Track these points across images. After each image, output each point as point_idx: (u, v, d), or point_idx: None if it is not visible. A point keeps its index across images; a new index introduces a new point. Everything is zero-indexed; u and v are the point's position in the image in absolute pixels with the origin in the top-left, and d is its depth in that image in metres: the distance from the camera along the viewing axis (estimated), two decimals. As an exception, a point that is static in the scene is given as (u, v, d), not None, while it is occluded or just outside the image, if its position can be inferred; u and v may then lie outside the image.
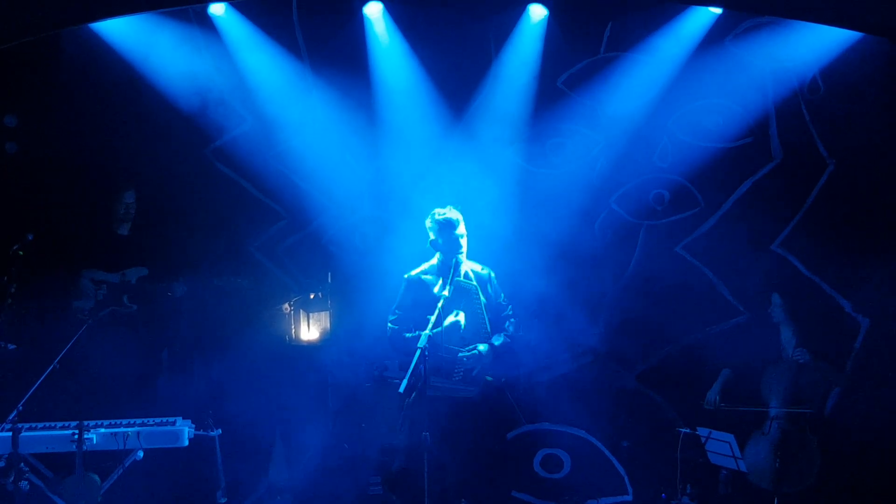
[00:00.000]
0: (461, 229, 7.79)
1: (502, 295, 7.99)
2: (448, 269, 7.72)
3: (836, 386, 9.03)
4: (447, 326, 7.50)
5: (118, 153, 9.52)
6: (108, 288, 9.06)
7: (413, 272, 7.93)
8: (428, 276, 7.84)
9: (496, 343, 7.77)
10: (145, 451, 7.71)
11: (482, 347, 7.66)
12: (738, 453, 7.90)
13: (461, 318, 7.56)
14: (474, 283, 7.80)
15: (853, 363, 9.41)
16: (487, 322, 7.76)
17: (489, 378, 7.71)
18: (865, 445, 8.81)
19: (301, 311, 9.65)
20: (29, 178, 9.40)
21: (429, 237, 7.87)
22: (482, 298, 7.79)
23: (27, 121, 9.44)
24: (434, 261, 7.90)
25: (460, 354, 7.56)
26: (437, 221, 7.80)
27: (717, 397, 8.60)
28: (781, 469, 8.15)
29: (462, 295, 7.70)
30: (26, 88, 9.38)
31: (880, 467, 8.76)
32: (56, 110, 9.47)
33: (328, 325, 9.65)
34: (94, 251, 9.12)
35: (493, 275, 7.99)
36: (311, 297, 9.63)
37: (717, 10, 9.19)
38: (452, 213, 7.80)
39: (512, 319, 7.96)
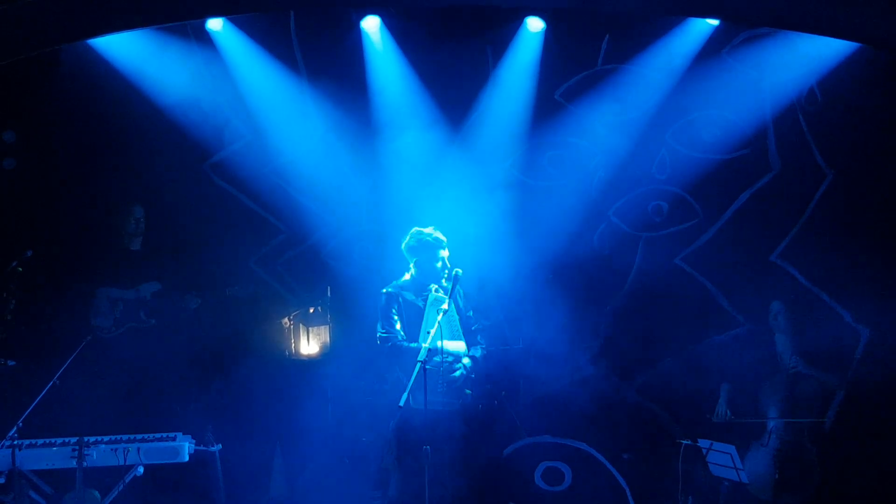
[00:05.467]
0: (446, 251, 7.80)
1: (471, 311, 7.95)
2: (422, 286, 7.73)
3: (837, 389, 9.01)
4: (454, 352, 7.48)
5: (116, 169, 9.54)
6: (125, 304, 9.07)
7: (390, 287, 7.89)
8: (406, 292, 7.83)
9: (477, 355, 7.76)
10: (146, 466, 7.70)
11: (466, 361, 7.64)
12: (739, 464, 7.89)
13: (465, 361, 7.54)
14: (445, 295, 7.78)
15: (853, 374, 9.40)
16: (462, 334, 7.74)
17: (468, 391, 7.70)
18: (865, 456, 8.80)
19: (301, 325, 9.65)
20: (28, 193, 9.40)
21: (411, 254, 7.84)
22: (455, 312, 7.77)
23: (26, 137, 9.43)
24: (407, 276, 7.88)
25: (443, 368, 7.52)
26: (423, 241, 7.77)
27: (728, 410, 8.56)
28: (781, 480, 8.14)
29: (437, 307, 7.68)
30: (25, 104, 9.39)
31: (880, 478, 8.75)
32: (54, 126, 9.48)
33: (328, 339, 9.65)
34: (107, 268, 9.12)
35: (461, 290, 7.96)
36: (311, 311, 9.63)
37: (715, 22, 9.22)
38: (439, 234, 7.80)
39: (480, 335, 7.93)
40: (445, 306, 7.42)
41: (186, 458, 7.77)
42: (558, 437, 8.76)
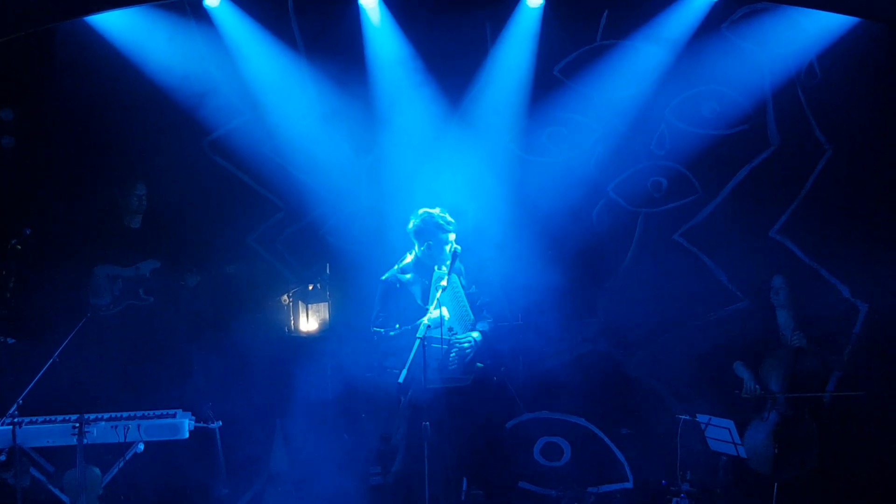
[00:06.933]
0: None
1: (473, 286, 7.93)
2: (428, 269, 7.69)
3: (835, 369, 9.03)
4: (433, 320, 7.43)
5: (115, 146, 9.54)
6: (123, 282, 9.08)
7: (389, 274, 7.87)
8: (406, 276, 7.78)
9: (486, 329, 7.76)
10: (146, 443, 7.71)
11: (475, 335, 7.64)
12: (737, 439, 7.90)
13: (444, 311, 7.44)
14: (453, 274, 7.76)
15: (852, 348, 9.42)
16: (469, 309, 7.73)
17: (479, 364, 7.70)
18: (865, 431, 8.82)
19: (300, 302, 9.66)
20: (26, 172, 9.40)
21: (420, 237, 7.80)
22: (461, 288, 7.74)
23: (24, 115, 9.41)
24: (409, 258, 7.85)
25: (455, 345, 7.53)
26: (434, 223, 7.70)
27: (756, 385, 8.52)
28: (780, 455, 8.16)
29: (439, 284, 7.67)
30: (22, 82, 9.37)
31: (879, 453, 8.78)
32: (52, 104, 9.47)
33: (327, 315, 9.66)
34: (106, 246, 9.12)
35: (462, 266, 7.94)
36: (310, 288, 9.63)
37: (714, -3, 9.21)
38: (448, 216, 7.73)
39: (486, 310, 7.92)
40: (444, 282, 7.40)
41: (186, 435, 7.77)
42: (557, 412, 8.79)
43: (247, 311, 9.54)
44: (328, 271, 9.63)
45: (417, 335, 6.99)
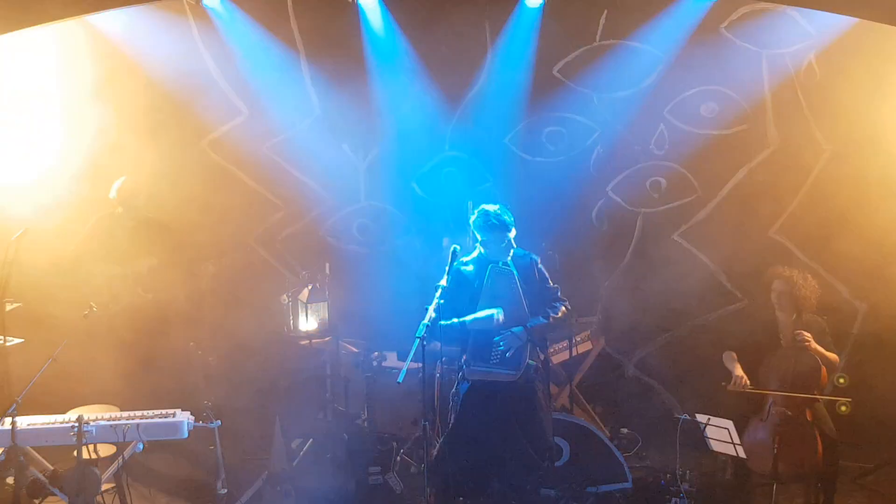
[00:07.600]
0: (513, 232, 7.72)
1: (549, 280, 7.88)
2: (486, 262, 7.65)
3: (829, 371, 9.01)
4: (483, 318, 7.48)
5: (114, 144, 9.52)
6: (122, 280, 9.07)
7: (456, 264, 7.81)
8: (467, 268, 7.76)
9: (530, 325, 7.69)
10: (145, 443, 7.70)
11: (516, 329, 7.59)
12: (736, 439, 7.90)
13: (499, 314, 7.50)
14: (512, 268, 7.71)
15: (851, 349, 9.42)
16: (526, 306, 7.67)
17: (531, 362, 7.64)
18: (864, 431, 8.82)
19: (299, 301, 9.64)
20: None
21: (478, 231, 7.75)
22: (520, 284, 7.68)
23: (23, 114, 9.43)
24: (475, 253, 7.80)
25: (495, 338, 7.52)
26: (488, 223, 7.57)
27: (744, 377, 8.46)
28: (780, 455, 8.15)
29: (499, 280, 7.61)
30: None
31: (879, 453, 8.78)
32: (52, 103, 9.48)
33: (326, 315, 9.64)
34: (104, 244, 9.11)
35: (536, 259, 7.86)
36: (309, 287, 9.62)
37: (713, -4, 9.22)
38: (506, 216, 7.67)
39: (557, 304, 7.82)
40: (444, 282, 7.39)
41: (186, 435, 7.76)
42: (556, 412, 8.78)
43: (246, 310, 9.54)
44: (328, 271, 9.62)
45: (416, 334, 6.99)
